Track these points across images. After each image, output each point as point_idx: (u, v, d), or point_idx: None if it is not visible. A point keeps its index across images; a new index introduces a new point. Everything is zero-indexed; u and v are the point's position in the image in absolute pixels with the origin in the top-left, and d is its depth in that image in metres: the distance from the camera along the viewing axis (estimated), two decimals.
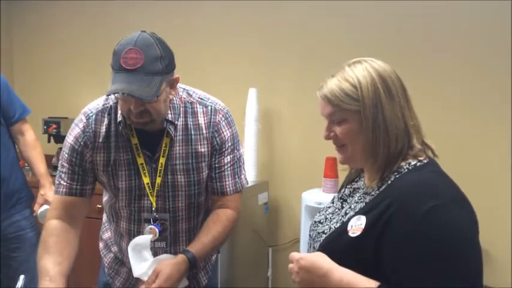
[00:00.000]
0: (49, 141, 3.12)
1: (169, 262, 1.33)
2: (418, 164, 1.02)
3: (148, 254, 1.39)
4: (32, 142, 2.23)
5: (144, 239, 1.39)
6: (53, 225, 1.39)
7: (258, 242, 2.80)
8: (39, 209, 2.13)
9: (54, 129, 3.05)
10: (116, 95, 1.34)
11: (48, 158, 2.31)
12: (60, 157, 1.45)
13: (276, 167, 2.86)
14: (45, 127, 3.08)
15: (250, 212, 2.66)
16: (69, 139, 1.41)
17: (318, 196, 2.41)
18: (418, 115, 1.06)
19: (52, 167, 2.86)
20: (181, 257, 1.34)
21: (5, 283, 2.05)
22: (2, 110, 2.11)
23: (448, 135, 2.30)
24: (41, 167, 2.21)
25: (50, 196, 2.10)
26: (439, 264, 0.89)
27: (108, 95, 1.34)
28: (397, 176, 1.01)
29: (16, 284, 1.45)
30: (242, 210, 1.52)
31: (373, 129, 1.00)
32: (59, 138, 3.04)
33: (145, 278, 1.33)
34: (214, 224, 1.41)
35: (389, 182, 1.01)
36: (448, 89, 2.38)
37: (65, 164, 1.41)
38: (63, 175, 1.41)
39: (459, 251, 0.91)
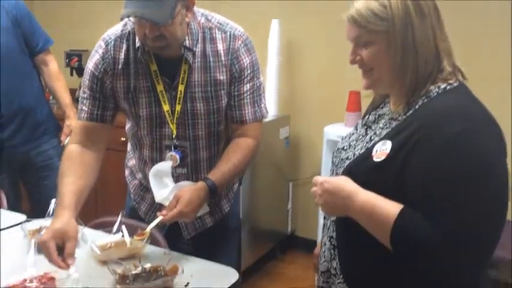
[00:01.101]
0: (72, 74, 3.13)
1: (189, 188, 1.35)
2: (448, 87, 0.97)
3: (169, 180, 1.41)
4: (55, 73, 2.24)
5: (165, 166, 1.41)
6: (69, 150, 1.42)
7: (279, 176, 2.83)
8: (66, 139, 2.18)
9: (76, 62, 3.05)
10: (132, 19, 1.31)
11: (71, 92, 2.32)
12: (81, 84, 1.46)
13: (298, 101, 2.82)
14: (67, 60, 3.08)
15: (271, 146, 2.67)
16: (90, 65, 1.41)
17: (340, 130, 2.38)
18: None
19: (76, 101, 2.88)
20: (201, 183, 1.36)
21: (38, 209, 2.15)
22: (25, 39, 2.11)
23: None
24: (65, 97, 2.23)
25: None
26: (465, 187, 0.87)
27: (121, 19, 1.32)
28: (425, 100, 0.97)
29: (48, 208, 1.52)
30: (263, 145, 1.50)
31: (402, 52, 0.95)
32: (82, 71, 3.02)
33: (166, 203, 1.36)
34: (234, 153, 1.41)
35: (417, 106, 0.98)
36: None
37: (86, 91, 1.42)
38: (84, 101, 1.42)
39: (488, 174, 0.89)
